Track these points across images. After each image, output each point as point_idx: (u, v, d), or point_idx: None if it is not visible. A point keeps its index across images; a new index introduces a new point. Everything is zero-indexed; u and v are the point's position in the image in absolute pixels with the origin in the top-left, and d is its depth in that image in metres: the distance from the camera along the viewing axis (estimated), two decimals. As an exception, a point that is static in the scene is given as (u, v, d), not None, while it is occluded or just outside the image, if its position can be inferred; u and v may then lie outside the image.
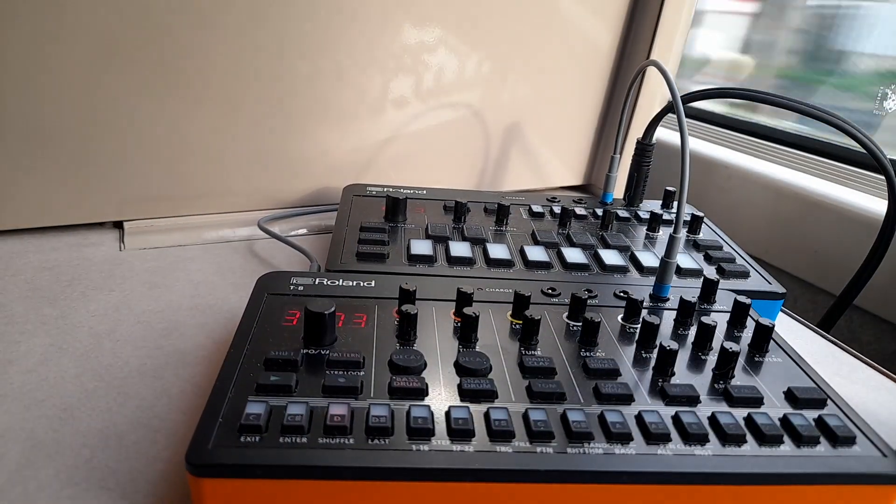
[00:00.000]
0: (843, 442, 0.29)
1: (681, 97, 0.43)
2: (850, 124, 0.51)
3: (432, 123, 0.65)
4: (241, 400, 0.28)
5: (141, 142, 0.53)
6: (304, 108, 0.58)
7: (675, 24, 0.67)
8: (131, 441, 0.32)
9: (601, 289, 0.41)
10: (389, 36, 0.58)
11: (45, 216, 0.53)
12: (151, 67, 0.51)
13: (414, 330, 0.34)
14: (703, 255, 0.50)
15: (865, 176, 0.65)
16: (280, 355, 0.31)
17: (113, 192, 0.54)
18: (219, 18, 0.51)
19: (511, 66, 0.66)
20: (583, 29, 0.67)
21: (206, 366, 0.39)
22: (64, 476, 0.30)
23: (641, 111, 0.71)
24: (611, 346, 0.35)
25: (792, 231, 0.67)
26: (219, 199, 0.59)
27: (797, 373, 0.34)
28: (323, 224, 0.60)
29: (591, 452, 0.27)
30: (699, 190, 0.76)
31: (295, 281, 0.39)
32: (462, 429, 0.27)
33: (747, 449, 0.28)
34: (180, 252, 0.53)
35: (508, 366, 0.33)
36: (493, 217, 0.53)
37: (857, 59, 0.78)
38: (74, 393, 0.35)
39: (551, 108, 0.70)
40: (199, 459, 0.25)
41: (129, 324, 0.42)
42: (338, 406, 0.28)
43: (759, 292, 0.45)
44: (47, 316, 0.42)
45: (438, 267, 0.45)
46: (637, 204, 0.59)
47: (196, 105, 0.54)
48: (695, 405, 0.31)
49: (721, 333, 0.38)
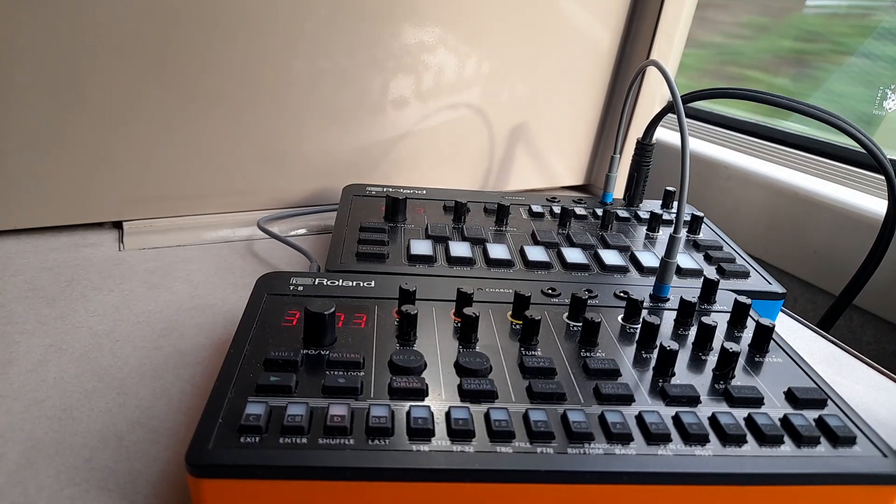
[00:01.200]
0: (843, 442, 0.29)
1: (681, 97, 0.43)
2: (850, 124, 0.51)
3: (432, 123, 0.65)
4: (240, 400, 0.28)
5: (141, 142, 0.53)
6: (304, 108, 0.58)
7: (675, 24, 0.67)
8: (131, 441, 0.32)
9: (601, 289, 0.41)
10: (389, 36, 0.58)
11: (44, 216, 0.53)
12: (151, 67, 0.51)
13: (414, 330, 0.34)
14: (703, 255, 0.50)
15: (865, 176, 0.65)
16: (280, 356, 0.31)
17: (112, 192, 0.54)
18: (218, 19, 0.51)
19: (511, 66, 0.66)
20: (583, 29, 0.67)
21: (205, 366, 0.39)
22: (64, 476, 0.30)
23: (641, 111, 0.71)
24: (611, 347, 0.35)
25: (792, 231, 0.67)
26: (219, 199, 0.59)
27: (797, 373, 0.34)
28: (323, 224, 0.60)
29: (591, 453, 0.27)
30: (699, 190, 0.76)
31: (295, 281, 0.39)
32: (462, 429, 0.27)
33: (748, 449, 0.28)
34: (180, 252, 0.53)
35: (509, 366, 0.33)
36: (493, 217, 0.53)
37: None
38: (74, 393, 0.35)
39: (551, 108, 0.70)
40: (199, 460, 0.25)
41: (129, 324, 0.42)
42: (338, 406, 0.28)
43: (759, 292, 0.45)
44: (47, 316, 0.42)
45: (438, 267, 0.45)
46: (637, 204, 0.59)
47: (196, 105, 0.54)
48: (695, 405, 0.31)
49: (721, 334, 0.38)
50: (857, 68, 0.76)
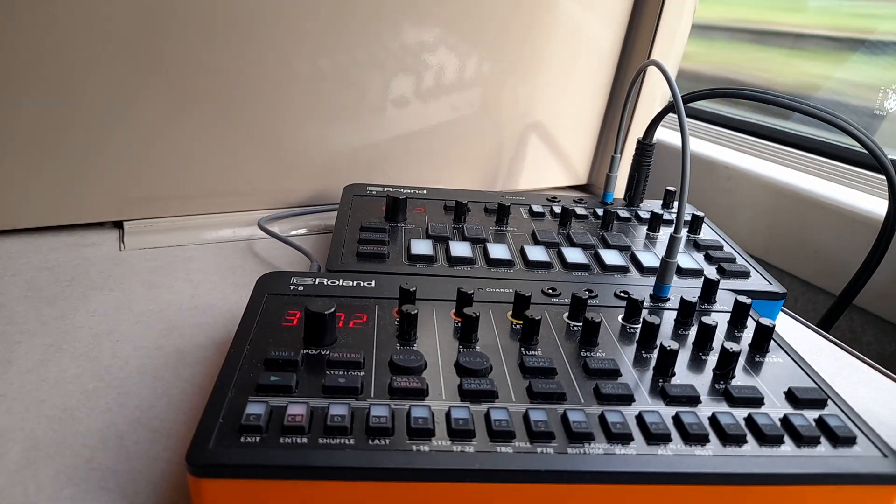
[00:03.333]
0: (843, 442, 0.29)
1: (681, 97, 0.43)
2: (850, 124, 0.51)
3: (432, 123, 0.65)
4: (241, 400, 0.28)
5: (141, 142, 0.53)
6: (305, 107, 0.58)
7: (675, 24, 0.67)
8: (131, 441, 0.32)
9: (601, 289, 0.41)
10: (390, 36, 0.58)
11: (45, 216, 0.53)
12: (151, 67, 0.51)
13: (414, 330, 0.34)
14: (703, 255, 0.50)
15: (865, 176, 0.65)
16: (280, 355, 0.31)
17: (113, 191, 0.54)
18: (218, 19, 0.51)
19: (511, 66, 0.66)
20: (583, 29, 0.67)
21: (206, 366, 0.39)
22: (64, 476, 0.30)
23: (642, 111, 0.71)
24: (611, 346, 0.35)
25: (792, 231, 0.67)
26: (219, 199, 0.59)
27: (798, 373, 0.34)
28: (323, 224, 0.60)
29: (591, 453, 0.27)
30: (699, 190, 0.76)
31: (295, 281, 0.39)
32: (462, 429, 0.27)
33: (748, 449, 0.28)
34: (180, 252, 0.53)
35: (509, 366, 0.33)
36: (494, 217, 0.53)
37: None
38: (74, 393, 0.35)
39: (551, 108, 0.70)
40: (199, 460, 0.25)
41: (129, 324, 0.42)
42: (338, 406, 0.28)
43: (759, 292, 0.45)
44: (47, 316, 0.42)
45: (438, 267, 0.45)
46: (637, 204, 0.59)
47: (196, 105, 0.54)
48: (695, 405, 0.31)
49: (721, 333, 0.38)
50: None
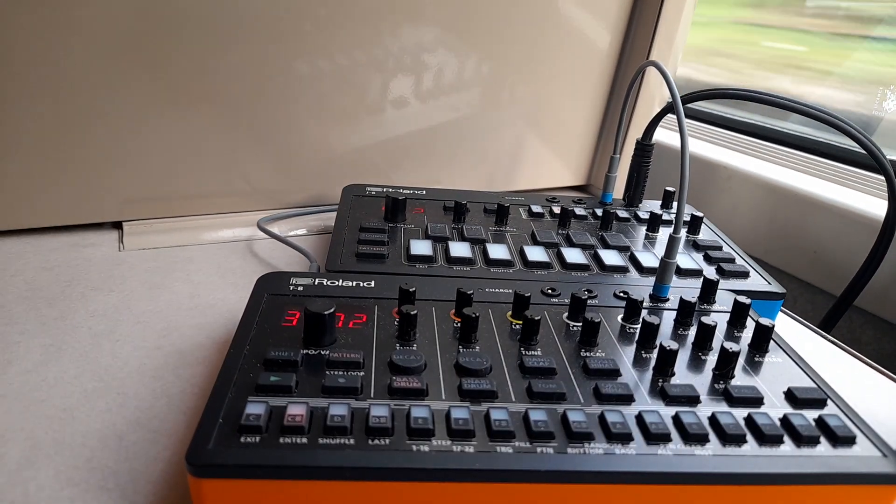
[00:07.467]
0: (843, 442, 0.29)
1: (681, 97, 0.43)
2: (850, 125, 0.51)
3: (432, 124, 0.65)
4: (240, 400, 0.28)
5: (140, 142, 0.53)
6: (304, 108, 0.58)
7: (675, 25, 0.67)
8: (131, 441, 0.32)
9: (601, 289, 0.41)
10: (389, 36, 0.58)
11: (44, 216, 0.53)
12: (151, 67, 0.51)
13: (414, 330, 0.34)
14: (702, 256, 0.50)
15: (865, 176, 0.65)
16: (280, 355, 0.31)
17: (112, 192, 0.54)
18: (218, 19, 0.51)
19: (511, 67, 0.66)
20: (583, 29, 0.67)
21: (205, 366, 0.39)
22: (64, 476, 0.30)
23: (641, 111, 0.71)
24: (611, 347, 0.35)
25: (792, 231, 0.67)
26: (219, 199, 0.59)
27: (797, 373, 0.34)
28: (323, 224, 0.60)
29: (591, 452, 0.27)
30: (699, 190, 0.76)
31: (295, 281, 0.39)
32: (462, 429, 0.27)
33: (747, 449, 0.28)
34: (180, 252, 0.53)
35: (508, 366, 0.33)
36: (493, 217, 0.53)
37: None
38: (74, 393, 0.35)
39: (551, 108, 0.70)
40: (199, 460, 0.25)
41: (129, 324, 0.42)
42: (338, 406, 0.28)
43: (758, 292, 0.45)
44: (47, 316, 0.42)
45: (438, 267, 0.45)
46: (637, 204, 0.59)
47: (196, 105, 0.54)
48: (695, 405, 0.31)
49: (721, 333, 0.38)
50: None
